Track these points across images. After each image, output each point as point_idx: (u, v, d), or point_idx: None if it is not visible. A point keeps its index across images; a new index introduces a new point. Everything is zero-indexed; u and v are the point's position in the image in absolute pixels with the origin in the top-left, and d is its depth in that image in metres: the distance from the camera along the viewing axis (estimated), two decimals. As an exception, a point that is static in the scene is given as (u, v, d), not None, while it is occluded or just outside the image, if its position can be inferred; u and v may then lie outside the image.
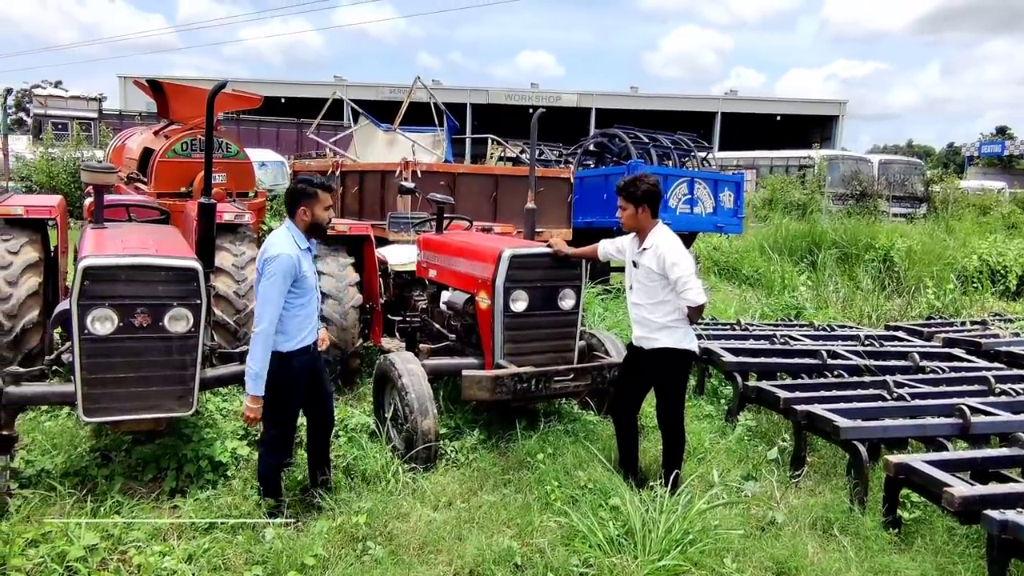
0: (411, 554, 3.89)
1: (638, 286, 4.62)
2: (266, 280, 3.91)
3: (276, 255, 3.91)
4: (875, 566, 3.92)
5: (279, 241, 4.01)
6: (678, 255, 4.41)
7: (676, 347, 4.51)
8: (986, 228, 19.88)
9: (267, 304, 3.91)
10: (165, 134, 8.79)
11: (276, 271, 3.90)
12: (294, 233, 4.10)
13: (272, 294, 3.90)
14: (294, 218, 4.13)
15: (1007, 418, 4.92)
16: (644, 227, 4.56)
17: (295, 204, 4.11)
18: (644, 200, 4.50)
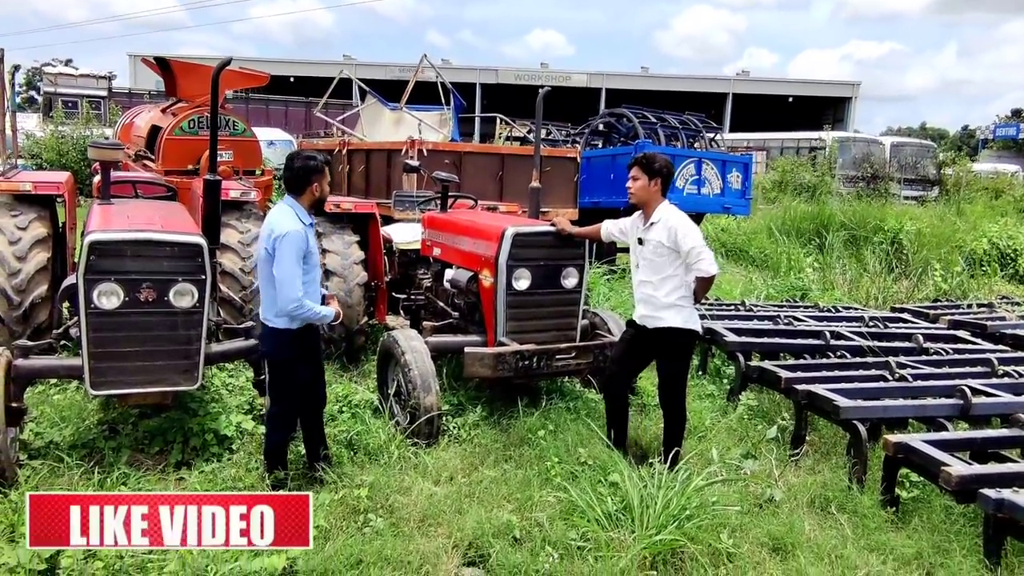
0: (411, 527, 3.94)
1: (644, 263, 4.62)
2: (280, 261, 3.95)
3: (285, 232, 3.94)
4: (871, 543, 3.95)
5: (283, 218, 4.04)
6: (689, 227, 4.45)
7: (682, 327, 4.52)
8: (997, 211, 19.75)
9: (291, 280, 3.97)
10: (172, 112, 8.81)
11: (289, 248, 3.94)
12: (297, 210, 4.13)
13: (292, 270, 3.97)
14: (301, 194, 4.16)
15: (1008, 399, 4.92)
16: (652, 202, 4.57)
17: (307, 180, 4.14)
18: (658, 174, 4.54)
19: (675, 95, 49.02)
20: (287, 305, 3.98)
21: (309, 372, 4.35)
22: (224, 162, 8.30)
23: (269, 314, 4.16)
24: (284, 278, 3.96)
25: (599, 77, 49.11)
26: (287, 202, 4.18)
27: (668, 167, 4.63)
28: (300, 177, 4.15)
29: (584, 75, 49.29)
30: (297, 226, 4.01)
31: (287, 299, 3.97)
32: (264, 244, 4.06)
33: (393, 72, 45.16)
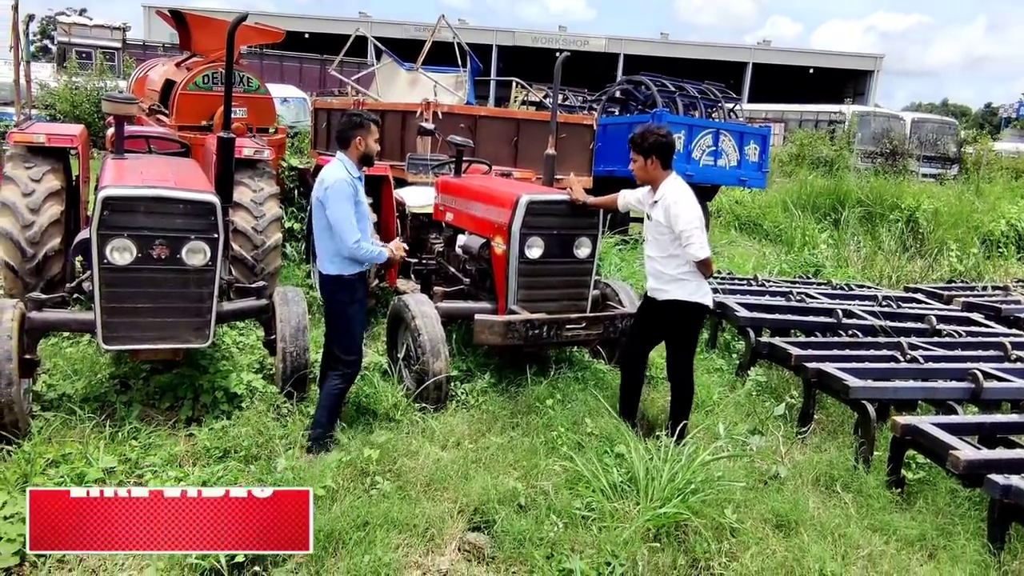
0: (418, 490, 3.98)
1: (651, 239, 4.65)
2: (332, 207, 4.18)
3: (333, 180, 4.19)
4: (875, 523, 3.96)
5: (333, 171, 4.28)
6: (682, 207, 4.38)
7: (687, 300, 4.51)
8: (1017, 192, 19.47)
9: (344, 222, 4.19)
10: (187, 66, 8.72)
11: (338, 196, 4.18)
12: (346, 163, 4.33)
13: (344, 213, 4.19)
14: (348, 148, 4.34)
15: (1020, 384, 4.88)
16: (655, 179, 4.54)
17: (351, 135, 4.32)
18: (652, 151, 4.47)
19: (694, 63, 48.28)
20: (347, 244, 4.20)
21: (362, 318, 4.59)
22: (238, 119, 8.22)
23: (325, 261, 4.37)
24: (339, 221, 4.19)
25: (618, 42, 48.35)
26: (337, 156, 4.41)
27: (662, 139, 4.51)
28: (344, 132, 4.35)
29: (603, 40, 48.53)
30: (344, 175, 4.24)
31: (346, 240, 4.19)
32: (316, 195, 4.29)
33: (409, 31, 44.61)
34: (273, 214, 6.42)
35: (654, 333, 4.85)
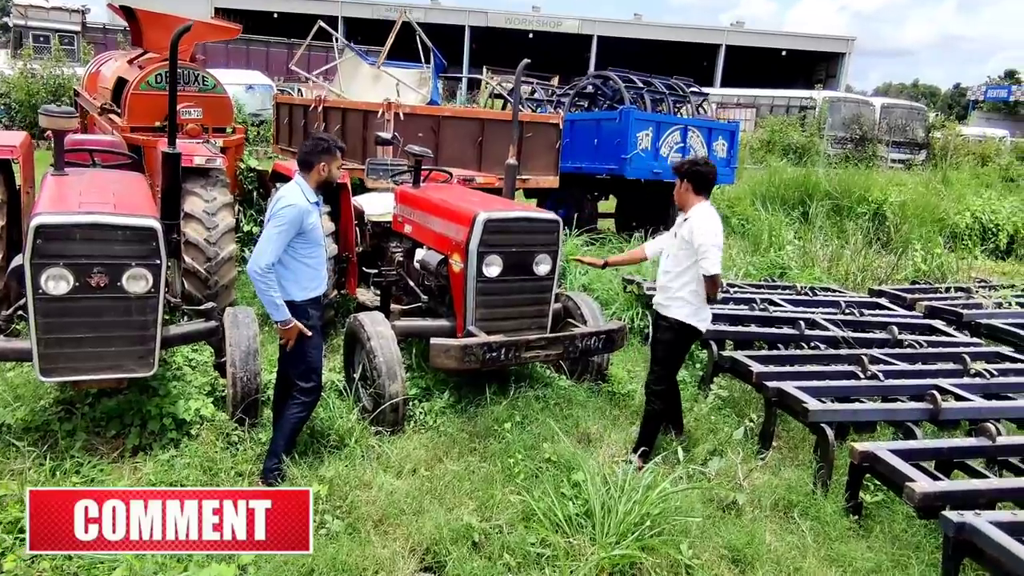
0: (368, 528, 3.88)
1: (671, 255, 4.81)
2: (275, 224, 4.03)
3: (289, 204, 4.05)
4: (831, 554, 3.94)
5: (292, 193, 4.13)
6: (706, 226, 4.57)
7: (683, 320, 4.69)
8: (983, 180, 19.71)
9: (270, 243, 4.02)
10: (139, 64, 8.42)
11: (285, 219, 4.02)
12: (303, 188, 4.19)
13: (276, 236, 4.02)
14: (310, 172, 4.22)
15: (977, 405, 4.88)
16: (687, 202, 4.72)
17: (315, 160, 4.21)
18: (687, 176, 4.69)
19: (668, 44, 48.19)
20: (256, 262, 4.00)
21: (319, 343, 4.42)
22: (193, 120, 8.00)
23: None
24: (262, 242, 4.03)
25: (591, 24, 48.03)
26: (296, 179, 4.27)
27: (696, 168, 4.70)
28: (309, 156, 4.23)
29: (576, 21, 48.17)
30: (300, 202, 4.08)
31: (255, 261, 4.01)
32: (270, 211, 4.18)
33: (380, 11, 43.93)
34: (226, 224, 6.23)
35: None
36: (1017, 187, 18.05)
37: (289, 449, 4.36)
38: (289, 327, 4.15)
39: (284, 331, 4.18)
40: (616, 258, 5.62)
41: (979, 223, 13.44)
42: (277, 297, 4.06)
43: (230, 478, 4.27)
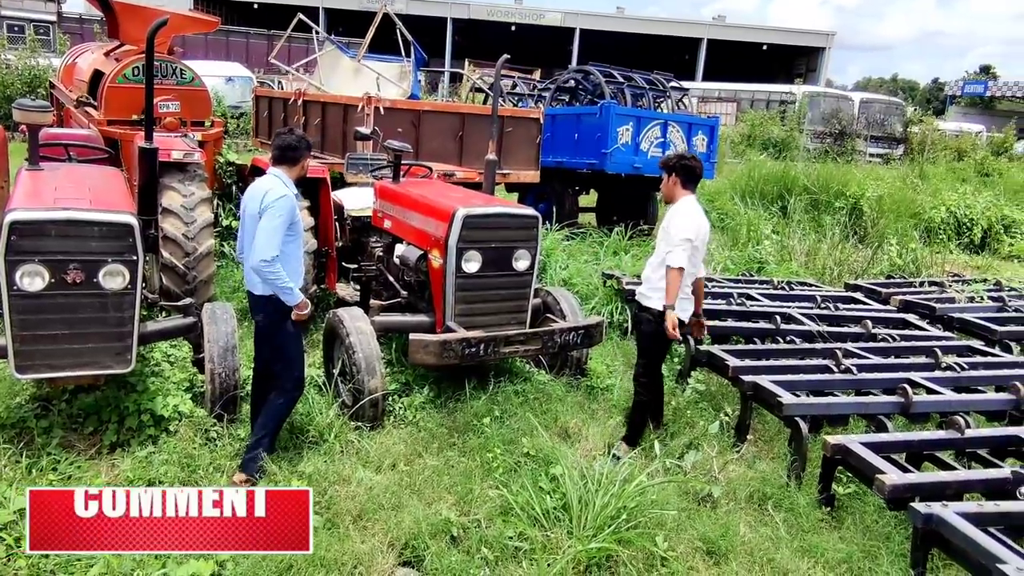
0: (347, 524, 3.90)
1: (657, 246, 4.90)
2: (273, 217, 3.99)
3: (282, 195, 4.04)
4: (804, 545, 4.01)
5: (277, 185, 4.11)
6: (683, 220, 4.64)
7: (658, 309, 4.71)
8: (959, 175, 19.96)
9: (273, 236, 3.99)
10: (116, 56, 8.32)
11: (283, 210, 4.02)
12: (285, 180, 4.19)
13: (277, 228, 4.00)
14: (293, 166, 4.25)
15: (947, 398, 4.98)
16: (674, 195, 4.82)
17: (299, 155, 4.26)
18: (675, 170, 4.78)
19: (650, 38, 48.29)
20: (259, 256, 3.98)
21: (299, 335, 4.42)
22: (171, 113, 7.92)
23: (257, 281, 4.18)
24: (267, 233, 3.99)
25: (573, 17, 48.02)
26: (275, 172, 4.22)
27: (684, 163, 4.78)
28: (291, 151, 4.23)
29: (559, 14, 48.13)
30: (289, 192, 4.11)
31: (262, 251, 3.97)
32: (254, 207, 4.08)
33: (362, 2, 43.61)
34: (204, 219, 6.20)
35: None
36: (992, 182, 18.30)
37: (271, 443, 4.37)
38: (306, 309, 4.21)
39: (301, 312, 4.20)
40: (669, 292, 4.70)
41: (954, 217, 13.64)
42: (288, 281, 4.08)
43: (208, 474, 4.27)
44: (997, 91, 45.96)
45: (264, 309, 4.25)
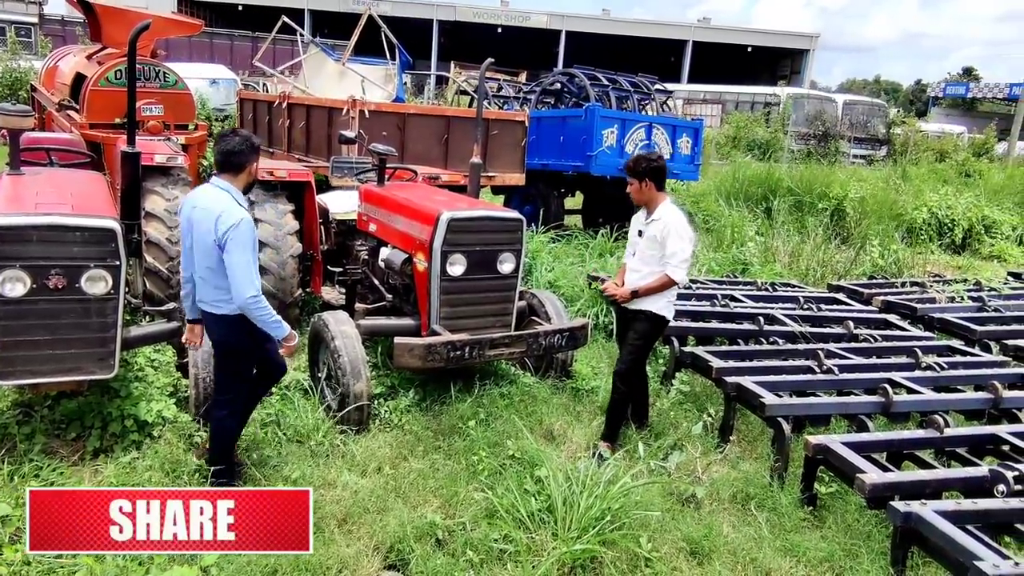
0: (332, 527, 3.90)
1: (639, 254, 4.85)
2: (239, 249, 3.71)
3: (239, 220, 3.72)
4: (786, 544, 4.05)
5: (230, 206, 3.77)
6: (681, 231, 4.64)
7: (654, 312, 4.78)
8: (941, 176, 20.15)
9: (249, 268, 3.75)
10: (98, 60, 8.29)
11: (248, 238, 3.74)
12: (234, 194, 3.87)
13: (252, 260, 3.78)
14: (238, 174, 3.91)
15: (927, 397, 5.05)
16: (652, 200, 4.77)
17: (247, 160, 3.92)
18: (646, 175, 4.70)
19: (635, 40, 48.48)
20: (244, 295, 3.73)
21: (261, 355, 4.16)
22: (154, 117, 7.91)
23: (219, 300, 3.91)
24: (241, 268, 3.72)
25: (559, 19, 48.17)
26: (221, 185, 3.87)
27: (652, 164, 4.73)
28: (242, 154, 3.89)
29: (544, 16, 48.27)
30: (244, 212, 3.80)
31: (244, 291, 3.73)
32: (210, 234, 3.75)
33: (346, 4, 43.56)
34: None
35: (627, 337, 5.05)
36: (973, 183, 18.49)
37: (228, 460, 4.21)
38: (294, 342, 3.98)
39: (289, 344, 3.95)
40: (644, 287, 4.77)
41: (936, 218, 13.78)
42: (275, 315, 3.87)
43: (193, 480, 4.24)
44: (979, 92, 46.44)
45: (224, 330, 4.00)
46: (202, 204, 3.84)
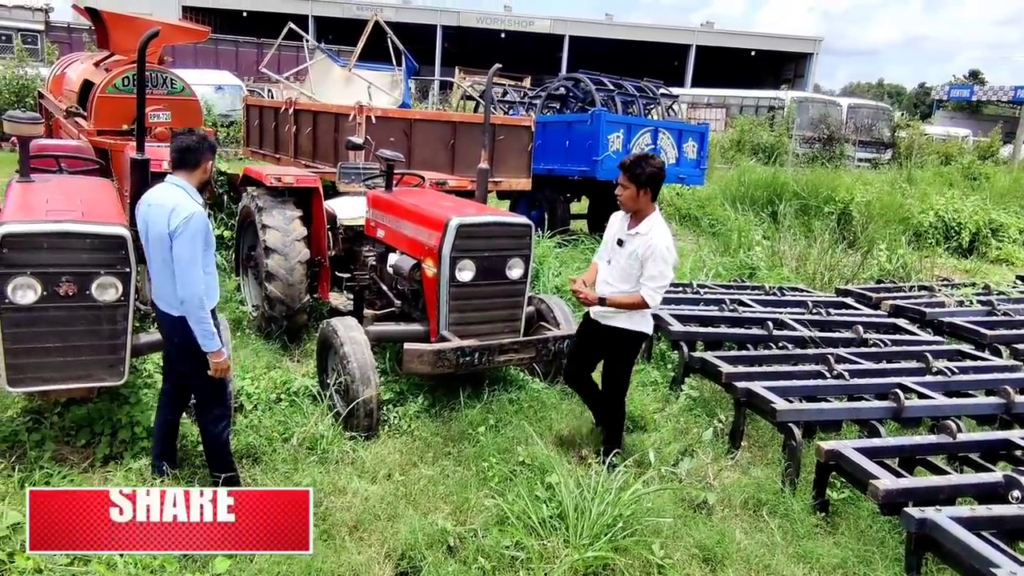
0: (344, 534, 3.89)
1: (615, 265, 4.53)
2: (188, 241, 3.63)
3: (192, 213, 3.64)
4: (799, 551, 4.03)
5: (184, 200, 3.71)
6: (666, 255, 4.34)
7: (631, 328, 4.55)
8: (946, 178, 20.12)
9: (193, 264, 3.66)
10: (106, 67, 8.32)
11: (197, 230, 3.66)
12: (189, 190, 3.80)
13: (197, 253, 3.68)
14: (193, 171, 3.84)
15: (939, 403, 5.02)
16: (643, 210, 4.46)
17: (201, 157, 3.85)
18: (648, 183, 4.38)
19: (639, 45, 48.54)
20: (190, 291, 3.65)
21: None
22: (161, 123, 7.93)
23: (174, 301, 3.80)
24: (188, 260, 3.64)
25: (562, 24, 48.23)
26: (175, 182, 3.79)
27: (656, 172, 4.40)
28: (196, 151, 3.83)
29: (547, 21, 48.34)
30: (197, 207, 3.70)
31: (191, 287, 3.64)
32: (161, 230, 3.67)
33: (351, 10, 43.72)
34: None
35: (594, 355, 4.85)
36: (979, 186, 18.46)
37: (229, 467, 4.16)
38: (223, 359, 3.84)
39: (219, 363, 3.82)
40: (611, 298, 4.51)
41: (942, 222, 13.74)
42: (212, 326, 3.74)
43: (203, 485, 4.24)
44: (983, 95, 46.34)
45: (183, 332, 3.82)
46: (156, 200, 3.79)
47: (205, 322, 3.73)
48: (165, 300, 3.88)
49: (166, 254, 3.72)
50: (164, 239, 3.69)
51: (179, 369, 4.13)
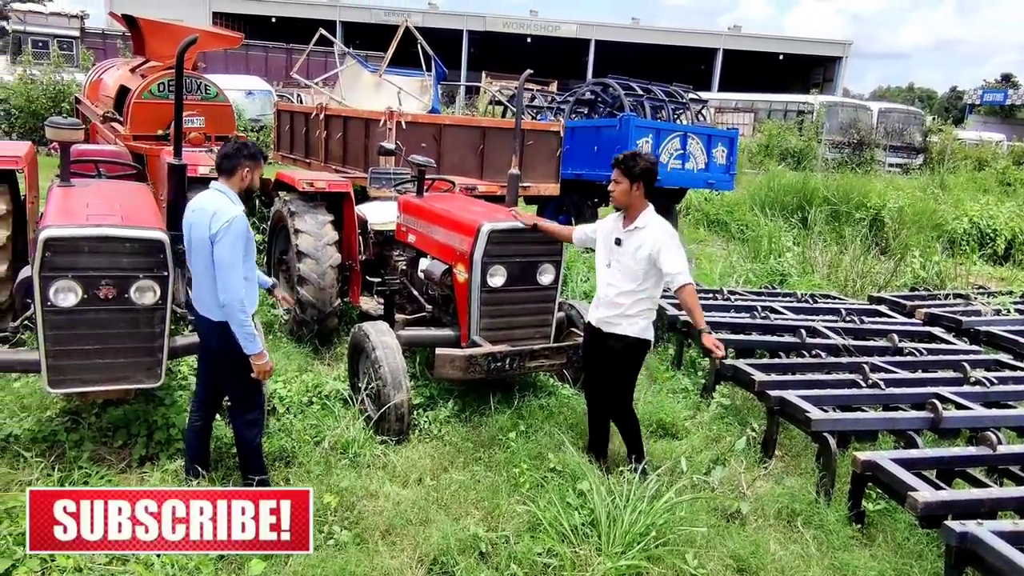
0: (376, 538, 3.91)
1: (618, 266, 4.44)
2: (229, 245, 3.69)
3: (234, 216, 3.71)
4: (835, 563, 3.97)
5: (225, 204, 3.79)
6: (674, 243, 4.29)
7: (636, 336, 4.45)
8: (980, 184, 19.78)
9: (234, 267, 3.72)
10: (142, 73, 8.46)
11: (238, 234, 3.73)
12: (231, 195, 3.88)
13: (237, 257, 3.74)
14: (231, 177, 3.91)
15: (978, 413, 4.92)
16: (636, 206, 4.38)
17: (236, 164, 3.91)
18: (641, 178, 4.32)
19: (665, 49, 48.35)
20: (231, 295, 3.70)
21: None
22: (195, 128, 8.04)
23: (213, 306, 3.86)
24: (228, 264, 3.71)
25: (588, 28, 48.19)
26: (218, 188, 3.90)
27: (651, 167, 4.37)
28: (229, 159, 3.91)
29: (574, 25, 48.33)
30: (238, 210, 3.78)
31: (232, 291, 3.70)
32: (200, 228, 3.76)
33: (378, 16, 44.07)
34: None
35: (602, 367, 4.66)
36: (1014, 192, 18.14)
37: (261, 469, 4.19)
38: (265, 361, 3.88)
39: (261, 365, 3.87)
40: (546, 225, 5.20)
41: (977, 228, 13.50)
42: (252, 327, 3.78)
43: (236, 487, 4.28)
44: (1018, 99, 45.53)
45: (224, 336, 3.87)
46: (199, 206, 3.87)
47: (246, 325, 3.77)
48: (204, 305, 3.93)
49: (207, 259, 3.77)
50: (206, 243, 3.75)
51: (215, 373, 4.18)
